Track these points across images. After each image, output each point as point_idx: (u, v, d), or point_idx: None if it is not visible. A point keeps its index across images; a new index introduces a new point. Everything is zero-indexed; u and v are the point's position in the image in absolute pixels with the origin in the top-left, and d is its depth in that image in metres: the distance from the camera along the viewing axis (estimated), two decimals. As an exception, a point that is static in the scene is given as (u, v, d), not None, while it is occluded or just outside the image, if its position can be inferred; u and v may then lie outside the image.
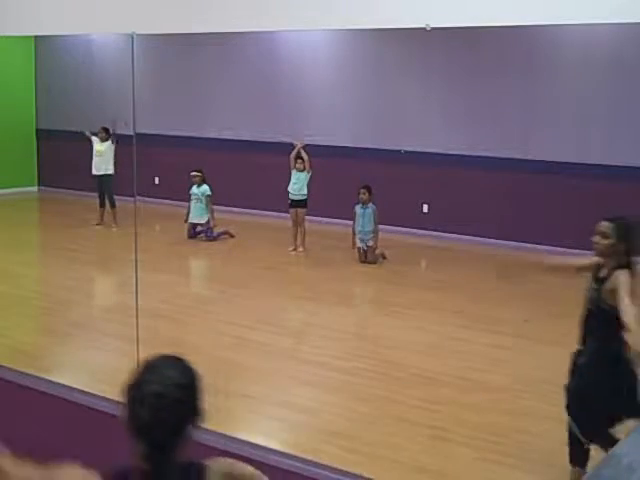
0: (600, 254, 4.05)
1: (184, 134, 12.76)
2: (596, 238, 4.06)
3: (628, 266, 3.91)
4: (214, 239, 10.50)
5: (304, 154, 9.93)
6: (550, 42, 9.87)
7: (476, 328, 7.03)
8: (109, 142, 11.28)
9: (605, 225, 4.03)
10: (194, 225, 10.68)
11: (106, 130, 11.31)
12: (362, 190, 9.50)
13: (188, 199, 10.78)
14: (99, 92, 13.44)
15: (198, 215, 10.65)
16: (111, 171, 11.31)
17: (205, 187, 10.72)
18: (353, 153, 11.43)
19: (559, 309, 7.73)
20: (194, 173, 10.80)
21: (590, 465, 3.99)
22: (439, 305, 7.78)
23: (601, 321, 3.95)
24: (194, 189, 10.75)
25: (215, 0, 4.80)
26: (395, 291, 8.44)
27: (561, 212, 10.09)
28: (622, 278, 3.81)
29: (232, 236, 10.66)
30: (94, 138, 11.49)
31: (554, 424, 5.07)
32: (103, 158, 11.32)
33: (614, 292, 3.81)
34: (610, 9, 3.67)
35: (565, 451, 4.69)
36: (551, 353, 6.52)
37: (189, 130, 12.74)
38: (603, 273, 4.01)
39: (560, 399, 5.45)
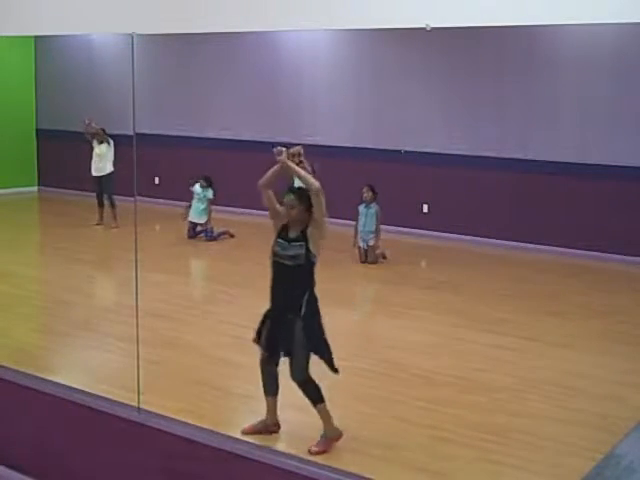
0: (294, 221, 4.72)
1: (184, 134, 12.76)
2: (287, 209, 4.74)
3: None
4: (214, 239, 10.50)
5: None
6: (550, 42, 9.87)
7: (476, 328, 7.03)
8: (106, 143, 11.30)
9: (291, 197, 4.72)
10: (194, 225, 10.67)
11: (103, 131, 11.32)
12: (365, 188, 9.48)
13: (191, 197, 10.75)
14: (99, 92, 13.45)
15: (197, 215, 10.64)
16: (110, 170, 11.31)
17: (210, 191, 10.69)
18: (353, 153, 11.43)
19: (559, 308, 7.75)
20: (203, 179, 10.74)
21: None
22: (439, 305, 7.78)
23: (309, 273, 4.78)
24: (197, 188, 10.71)
25: (215, 0, 4.80)
26: (395, 291, 8.44)
27: (561, 212, 10.09)
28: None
29: (232, 236, 10.66)
30: (94, 141, 11.51)
31: (555, 424, 5.09)
32: (102, 159, 11.33)
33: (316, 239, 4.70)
34: (611, 9, 3.68)
35: (564, 450, 4.70)
36: (551, 353, 6.53)
37: (189, 130, 12.74)
38: (294, 234, 4.71)
39: (561, 399, 5.48)
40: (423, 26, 3.99)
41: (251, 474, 4.55)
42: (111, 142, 11.25)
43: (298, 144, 10.09)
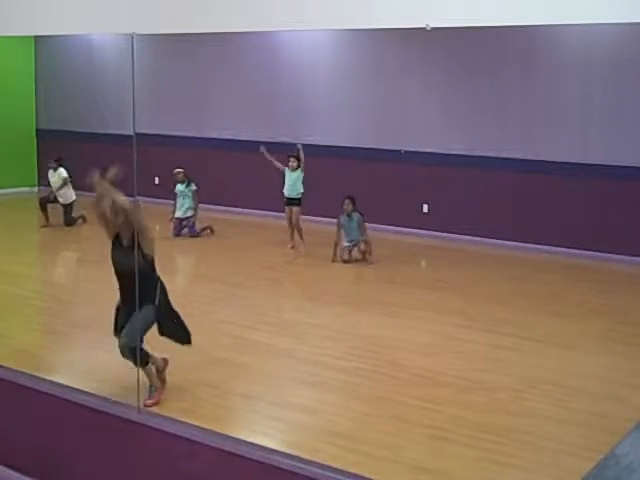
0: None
1: (184, 134, 12.76)
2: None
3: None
4: (197, 235, 10.67)
5: (301, 154, 9.96)
6: (550, 42, 9.88)
7: (476, 328, 7.03)
8: (60, 171, 11.49)
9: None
10: (180, 221, 10.76)
11: (56, 160, 11.52)
12: (347, 201, 9.45)
13: (174, 197, 10.88)
14: (99, 92, 13.45)
15: (184, 211, 10.81)
16: (72, 199, 11.47)
17: (192, 185, 10.90)
18: (353, 153, 11.43)
19: (560, 308, 7.75)
20: (178, 170, 10.96)
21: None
22: (439, 305, 7.78)
23: (148, 277, 5.46)
24: (179, 187, 10.92)
25: (215, 0, 4.80)
26: (395, 291, 8.44)
27: (561, 212, 10.09)
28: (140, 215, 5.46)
29: (212, 231, 10.79)
30: (50, 172, 11.65)
31: (555, 424, 5.09)
32: (59, 190, 11.45)
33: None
34: (610, 9, 3.68)
35: (564, 450, 4.70)
36: (552, 353, 6.53)
37: (189, 130, 12.74)
38: (127, 243, 5.41)
39: (561, 399, 5.48)
40: (423, 26, 3.99)
41: (251, 474, 4.55)
42: (66, 176, 11.44)
43: (298, 144, 10.13)
